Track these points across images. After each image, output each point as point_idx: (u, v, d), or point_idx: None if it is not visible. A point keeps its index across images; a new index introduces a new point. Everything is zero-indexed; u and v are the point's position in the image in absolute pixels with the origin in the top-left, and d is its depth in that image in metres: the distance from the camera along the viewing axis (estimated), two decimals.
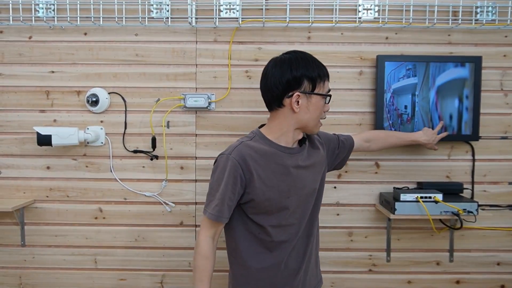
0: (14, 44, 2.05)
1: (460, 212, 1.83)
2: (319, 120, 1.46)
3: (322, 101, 1.43)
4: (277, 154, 1.43)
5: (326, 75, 1.44)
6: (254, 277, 1.47)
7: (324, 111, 1.46)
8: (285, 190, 1.43)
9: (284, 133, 1.45)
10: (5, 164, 2.08)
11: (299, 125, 1.44)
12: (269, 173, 1.41)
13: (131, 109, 2.06)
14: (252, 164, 1.39)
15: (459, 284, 2.11)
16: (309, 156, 1.51)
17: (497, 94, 2.05)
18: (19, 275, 2.12)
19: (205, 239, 1.44)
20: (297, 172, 1.45)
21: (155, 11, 2.01)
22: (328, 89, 1.45)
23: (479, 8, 2.00)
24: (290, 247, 1.48)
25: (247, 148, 1.41)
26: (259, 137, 1.45)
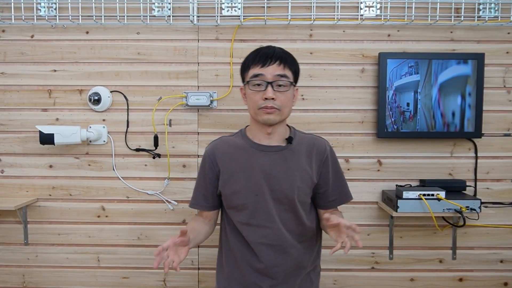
0: (16, 43, 2.05)
1: (463, 209, 1.83)
2: (258, 109, 1.37)
3: (248, 89, 1.39)
4: (249, 150, 1.44)
5: (252, 62, 1.38)
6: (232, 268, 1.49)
7: (263, 98, 1.36)
8: (253, 187, 1.41)
9: (253, 128, 1.47)
10: (8, 163, 2.09)
11: (251, 116, 1.45)
12: (238, 167, 1.44)
13: (133, 108, 2.06)
14: (221, 157, 1.46)
15: (462, 282, 2.11)
16: (291, 160, 1.43)
17: (500, 91, 2.04)
18: (22, 274, 2.13)
19: (192, 218, 1.56)
20: (270, 171, 1.41)
21: (156, 10, 2.01)
22: (254, 74, 1.37)
23: (482, 5, 1.99)
24: (265, 252, 1.43)
25: (222, 143, 1.50)
26: (241, 134, 1.50)
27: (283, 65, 1.38)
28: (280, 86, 1.37)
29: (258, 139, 1.45)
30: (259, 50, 1.41)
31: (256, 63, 1.37)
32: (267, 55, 1.37)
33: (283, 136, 1.46)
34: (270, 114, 1.37)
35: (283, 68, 1.38)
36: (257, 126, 1.44)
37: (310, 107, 2.05)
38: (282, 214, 1.43)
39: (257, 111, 1.38)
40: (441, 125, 1.99)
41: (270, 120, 1.38)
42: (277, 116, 1.38)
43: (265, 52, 1.39)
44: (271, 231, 1.42)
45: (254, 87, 1.38)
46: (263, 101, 1.36)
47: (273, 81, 1.36)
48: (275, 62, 1.37)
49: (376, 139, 2.05)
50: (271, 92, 1.35)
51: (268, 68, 1.36)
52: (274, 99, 1.36)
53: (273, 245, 1.43)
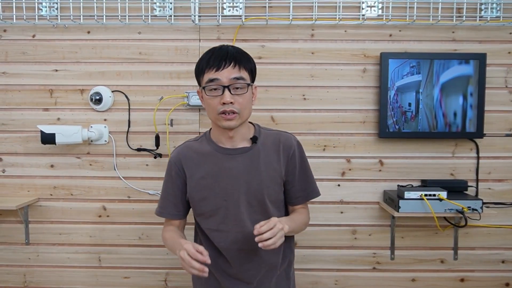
0: (17, 42, 2.06)
1: (465, 209, 1.82)
2: (217, 114, 1.33)
3: (205, 94, 1.34)
4: (215, 155, 1.41)
5: (206, 65, 1.33)
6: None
7: (221, 103, 1.31)
8: (221, 192, 1.39)
9: (215, 132, 1.44)
10: (9, 163, 2.09)
11: (211, 120, 1.40)
12: (204, 173, 1.41)
13: (135, 107, 2.06)
14: (187, 163, 1.43)
15: (463, 282, 2.10)
16: (257, 160, 1.40)
17: (502, 91, 2.04)
18: (23, 273, 2.13)
19: (164, 229, 1.50)
20: (238, 175, 1.39)
21: (158, 9, 2.01)
22: (209, 79, 1.32)
23: (484, 5, 1.99)
24: (237, 257, 1.41)
25: (186, 148, 1.46)
26: (205, 138, 1.47)
27: (238, 67, 1.33)
28: (237, 88, 1.32)
29: (222, 143, 1.42)
30: (212, 52, 1.35)
31: (210, 67, 1.32)
32: (221, 57, 1.32)
33: (246, 136, 1.43)
34: (230, 121, 1.33)
35: (238, 69, 1.33)
36: (218, 130, 1.41)
37: (312, 107, 2.05)
38: (253, 216, 1.39)
39: (217, 116, 1.34)
40: (442, 125, 1.99)
41: (231, 126, 1.35)
42: (238, 120, 1.35)
43: (218, 54, 1.33)
44: (242, 235, 1.39)
45: (211, 92, 1.33)
46: (221, 105, 1.32)
47: (230, 85, 1.31)
48: (229, 64, 1.31)
49: (378, 139, 2.05)
50: (228, 96, 1.30)
51: (223, 72, 1.31)
52: (233, 102, 1.32)
53: (244, 249, 1.40)
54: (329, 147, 2.06)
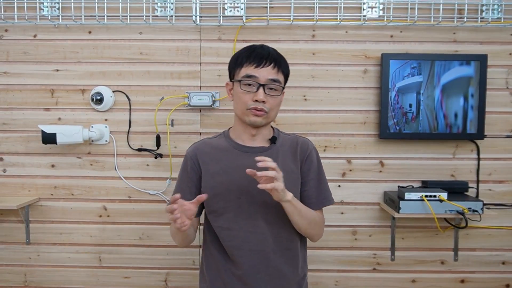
0: (19, 42, 2.06)
1: (465, 211, 1.82)
2: (246, 109, 1.34)
3: (238, 88, 1.35)
4: (233, 151, 1.42)
5: (246, 60, 1.34)
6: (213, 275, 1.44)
7: (254, 100, 1.33)
8: (235, 189, 1.37)
9: (237, 129, 1.44)
10: (10, 162, 2.09)
11: (236, 115, 1.42)
12: (220, 169, 1.40)
13: (136, 108, 2.06)
14: (202, 158, 1.42)
15: (463, 283, 2.10)
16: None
17: (503, 92, 2.04)
18: (24, 273, 2.13)
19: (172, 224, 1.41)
20: None
21: (159, 10, 2.01)
22: (247, 74, 1.33)
23: (485, 6, 1.99)
24: (246, 258, 1.37)
25: (203, 144, 1.47)
26: (224, 136, 1.48)
27: (277, 69, 1.35)
28: (271, 89, 1.34)
29: (242, 140, 1.43)
30: (253, 49, 1.37)
31: (250, 63, 1.34)
32: (262, 56, 1.34)
33: (266, 137, 1.44)
34: (258, 117, 1.35)
35: (276, 71, 1.35)
36: (241, 127, 1.42)
37: (313, 107, 2.05)
38: (267, 217, 1.37)
39: (245, 111, 1.35)
40: (443, 126, 1.99)
41: (257, 123, 1.36)
42: (265, 119, 1.36)
43: (259, 52, 1.35)
44: (254, 235, 1.37)
45: (245, 87, 1.34)
46: (252, 102, 1.33)
47: (266, 84, 1.33)
48: (269, 64, 1.34)
49: (378, 140, 2.05)
50: (262, 94, 1.32)
51: (262, 70, 1.33)
52: (265, 102, 1.33)
53: (255, 250, 1.37)
54: (330, 148, 2.06)
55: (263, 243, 1.37)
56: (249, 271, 1.38)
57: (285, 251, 1.41)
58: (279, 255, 1.40)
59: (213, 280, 1.44)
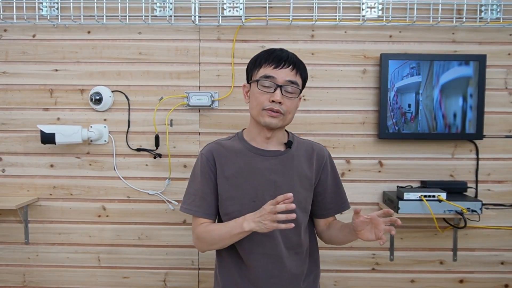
0: (18, 42, 2.06)
1: (464, 211, 1.83)
2: (262, 109, 1.33)
3: (256, 88, 1.34)
4: (247, 154, 1.39)
5: (265, 61, 1.34)
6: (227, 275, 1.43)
7: (270, 101, 1.32)
8: (250, 193, 1.36)
9: (251, 131, 1.42)
10: (9, 162, 2.09)
11: (252, 116, 1.39)
12: (235, 172, 1.38)
13: (135, 108, 2.06)
14: (219, 160, 1.40)
15: (462, 283, 2.10)
16: (290, 165, 1.39)
17: (502, 92, 2.04)
18: (23, 273, 2.13)
19: (200, 227, 1.39)
20: (269, 177, 1.37)
21: (158, 10, 2.01)
22: (265, 75, 1.32)
23: (484, 6, 1.99)
24: (260, 262, 1.37)
25: (218, 146, 1.43)
26: (238, 137, 1.45)
27: (295, 71, 1.34)
28: (288, 92, 1.33)
29: (256, 143, 1.40)
30: (273, 51, 1.37)
31: (269, 63, 1.33)
32: (281, 58, 1.33)
33: (281, 141, 1.42)
34: (273, 118, 1.33)
35: (295, 74, 1.34)
36: (256, 129, 1.40)
37: (312, 107, 2.05)
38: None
39: (261, 111, 1.33)
40: (442, 127, 1.99)
41: (272, 124, 1.34)
42: (280, 121, 1.34)
43: (279, 54, 1.35)
44: (268, 239, 1.36)
45: (263, 88, 1.33)
46: (269, 102, 1.32)
47: (283, 85, 1.32)
48: (288, 66, 1.33)
49: (377, 140, 2.05)
50: (279, 95, 1.31)
51: (281, 71, 1.32)
52: (281, 103, 1.32)
53: (269, 254, 1.36)
54: (329, 148, 2.06)
55: (276, 247, 1.37)
56: (263, 275, 1.37)
57: (295, 255, 1.41)
58: (291, 259, 1.40)
59: (226, 284, 1.43)
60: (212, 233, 1.35)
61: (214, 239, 1.35)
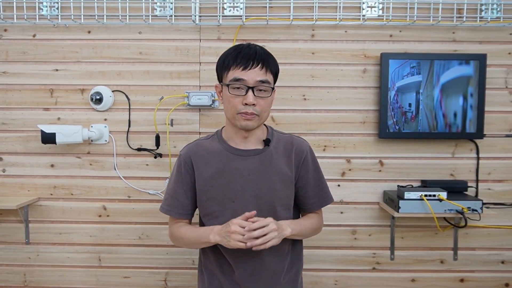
0: (18, 42, 2.06)
1: (465, 210, 1.83)
2: (236, 113, 1.32)
3: (227, 92, 1.33)
4: (225, 154, 1.39)
5: (233, 63, 1.31)
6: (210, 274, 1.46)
7: (243, 103, 1.30)
8: (230, 193, 1.37)
9: (229, 130, 1.42)
10: (10, 162, 2.09)
11: (227, 118, 1.39)
12: (214, 172, 1.38)
13: (135, 107, 2.06)
14: (196, 162, 1.40)
15: (463, 283, 2.10)
16: (269, 163, 1.39)
17: (502, 92, 2.04)
18: (23, 273, 2.13)
19: (174, 226, 1.46)
20: (248, 176, 1.37)
21: (158, 9, 2.01)
22: (235, 78, 1.30)
23: (484, 6, 1.99)
24: (240, 260, 1.38)
25: (197, 146, 1.44)
26: (217, 136, 1.45)
27: (265, 69, 1.32)
28: (261, 91, 1.32)
29: (235, 143, 1.40)
30: (240, 49, 1.33)
31: (237, 65, 1.30)
32: (249, 57, 1.30)
33: (260, 138, 1.41)
34: (249, 121, 1.32)
35: (265, 72, 1.32)
36: (233, 129, 1.39)
37: (312, 107, 2.05)
38: None
39: (235, 115, 1.32)
40: (442, 126, 1.99)
41: (249, 126, 1.33)
42: (256, 122, 1.34)
43: (246, 53, 1.32)
44: None
45: (234, 91, 1.31)
46: (242, 105, 1.31)
47: (254, 86, 1.30)
48: (257, 65, 1.30)
49: (378, 140, 2.05)
50: (251, 97, 1.30)
51: (250, 72, 1.30)
52: (255, 104, 1.31)
53: (248, 252, 1.34)
54: (329, 147, 2.06)
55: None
56: (243, 273, 1.39)
57: (277, 252, 1.40)
58: (272, 256, 1.40)
59: (210, 280, 1.45)
60: (183, 236, 1.42)
61: (185, 242, 1.44)
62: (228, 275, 1.41)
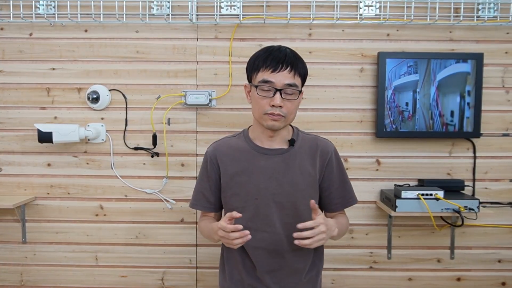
0: (14, 41, 2.05)
1: (461, 209, 1.83)
2: (263, 114, 1.35)
3: (255, 93, 1.35)
4: (251, 153, 1.42)
5: (263, 64, 1.33)
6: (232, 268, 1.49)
7: (271, 105, 1.33)
8: (253, 190, 1.40)
9: (255, 130, 1.45)
10: (6, 161, 2.08)
11: (255, 118, 1.42)
12: (239, 170, 1.42)
13: (132, 106, 2.05)
14: (222, 159, 1.44)
15: (460, 281, 2.11)
16: (293, 163, 1.41)
17: (499, 91, 2.04)
18: (20, 272, 2.13)
19: (199, 220, 1.55)
20: (271, 175, 1.40)
21: (155, 8, 2.01)
22: (264, 80, 1.32)
23: (481, 5, 1.99)
24: (261, 256, 1.42)
25: (224, 144, 1.48)
26: (243, 135, 1.48)
27: (293, 72, 1.34)
28: (288, 94, 1.34)
29: (260, 142, 1.44)
30: (270, 52, 1.36)
31: (267, 67, 1.33)
32: (279, 60, 1.33)
33: (285, 138, 1.44)
34: (275, 121, 1.35)
35: (293, 75, 1.34)
36: (260, 129, 1.43)
37: (309, 106, 2.05)
38: (284, 218, 1.40)
39: (262, 116, 1.35)
40: (439, 125, 1.99)
41: (275, 127, 1.36)
42: (282, 123, 1.37)
43: (276, 55, 1.34)
44: (269, 235, 1.40)
45: (262, 92, 1.34)
46: (270, 107, 1.33)
47: (282, 89, 1.33)
48: (286, 68, 1.33)
49: (375, 139, 2.05)
50: (279, 99, 1.32)
51: (278, 75, 1.32)
52: (282, 106, 1.33)
53: (269, 249, 1.41)
54: None
55: (278, 243, 1.41)
56: (265, 269, 1.42)
57: (299, 250, 1.41)
58: (293, 254, 1.43)
59: (232, 274, 1.48)
60: (202, 230, 1.51)
61: (205, 235, 1.50)
62: (250, 270, 1.44)
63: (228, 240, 1.25)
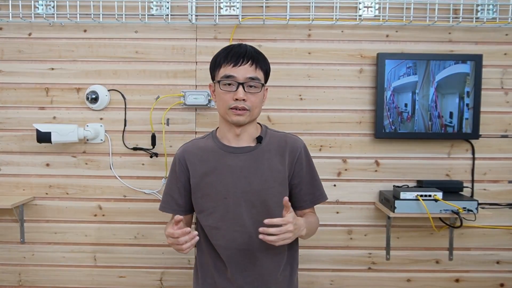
0: (13, 41, 2.05)
1: (460, 210, 1.83)
2: (227, 109, 1.34)
3: (219, 88, 1.35)
4: (217, 151, 1.42)
5: (224, 60, 1.34)
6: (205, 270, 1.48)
7: (234, 99, 1.33)
8: (222, 190, 1.39)
9: (222, 129, 1.45)
10: (5, 161, 2.08)
11: (220, 115, 1.41)
12: (207, 170, 1.41)
13: (131, 106, 2.05)
14: (191, 160, 1.43)
15: (458, 283, 2.11)
16: (261, 160, 1.40)
17: (498, 92, 2.04)
18: (18, 272, 2.12)
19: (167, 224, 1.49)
20: (240, 173, 1.38)
21: (155, 8, 2.01)
22: (225, 75, 1.33)
23: (480, 6, 1.99)
24: (233, 257, 1.40)
25: (193, 145, 1.47)
26: (211, 136, 1.48)
27: (255, 66, 1.34)
28: (251, 87, 1.34)
29: (228, 141, 1.42)
30: (231, 48, 1.37)
31: (228, 62, 1.34)
32: (239, 55, 1.34)
33: (253, 135, 1.42)
34: (240, 116, 1.34)
35: (254, 69, 1.34)
36: (226, 127, 1.41)
37: (308, 107, 2.05)
38: (254, 216, 1.37)
39: (227, 111, 1.35)
40: (438, 126, 1.99)
41: (240, 121, 1.35)
42: (247, 117, 1.35)
43: (237, 51, 1.35)
44: (240, 234, 1.38)
45: (225, 87, 1.34)
46: (233, 101, 1.33)
47: (244, 82, 1.33)
48: (247, 62, 1.33)
49: (374, 140, 2.05)
50: (242, 93, 1.32)
51: (240, 69, 1.33)
52: (245, 100, 1.33)
53: (241, 249, 1.38)
54: (325, 147, 2.06)
55: (249, 242, 1.39)
56: (237, 270, 1.40)
57: (271, 250, 1.40)
58: (266, 253, 1.41)
59: (205, 277, 1.47)
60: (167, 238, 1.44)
61: None
62: (222, 272, 1.43)
63: (178, 246, 1.24)
